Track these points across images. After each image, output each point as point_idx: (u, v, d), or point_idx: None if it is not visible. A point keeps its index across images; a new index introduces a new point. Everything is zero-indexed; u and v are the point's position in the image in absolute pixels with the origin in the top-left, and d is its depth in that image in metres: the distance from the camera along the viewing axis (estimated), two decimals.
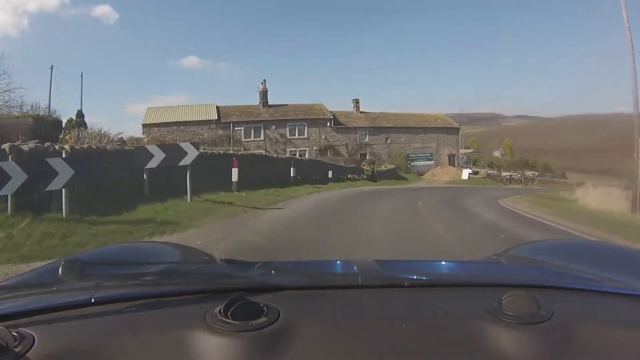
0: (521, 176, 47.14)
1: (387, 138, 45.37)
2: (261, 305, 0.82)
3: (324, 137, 41.74)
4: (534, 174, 52.07)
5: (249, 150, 28.92)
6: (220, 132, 38.50)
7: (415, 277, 1.09)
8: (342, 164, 28.87)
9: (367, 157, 40.14)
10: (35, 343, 0.73)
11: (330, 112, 42.07)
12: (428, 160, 46.97)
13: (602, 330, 0.83)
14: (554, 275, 1.26)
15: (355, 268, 1.19)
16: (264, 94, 42.11)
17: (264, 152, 29.60)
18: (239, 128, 39.01)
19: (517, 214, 12.21)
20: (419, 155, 46.49)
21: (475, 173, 46.95)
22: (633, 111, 13.67)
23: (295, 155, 35.09)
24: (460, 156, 49.67)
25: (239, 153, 16.79)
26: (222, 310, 0.80)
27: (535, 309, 0.84)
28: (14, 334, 0.73)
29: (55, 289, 0.92)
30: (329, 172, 21.98)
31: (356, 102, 46.51)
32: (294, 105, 43.35)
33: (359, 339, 0.79)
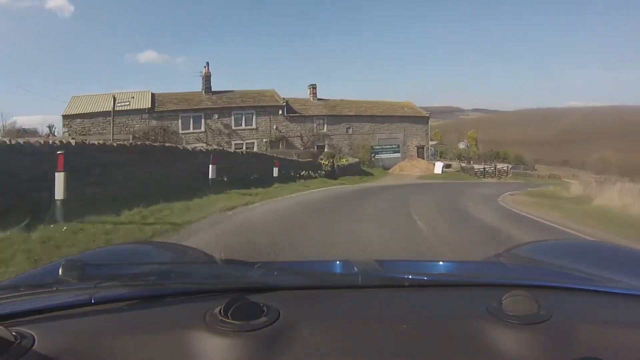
0: (494, 169, 44.79)
1: (349, 128, 39.96)
2: (261, 305, 0.84)
3: (275, 127, 36.05)
4: (507, 167, 49.58)
5: (183, 144, 21.55)
6: (155, 122, 32.38)
7: (415, 277, 1.08)
8: (295, 159, 24.03)
9: (326, 149, 35.08)
10: (35, 343, 0.75)
11: (283, 99, 36.72)
12: (395, 152, 42.33)
13: (602, 330, 0.85)
14: (554, 275, 1.27)
15: (355, 268, 1.19)
16: (207, 78, 36.03)
17: (192, 144, 22.13)
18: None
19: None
20: (384, 147, 41.65)
21: (448, 166, 42.97)
22: None
23: (242, 148, 27.96)
24: (429, 148, 46.19)
25: (116, 144, 9.38)
26: (222, 310, 0.82)
27: (535, 309, 0.86)
28: (14, 333, 0.74)
29: (55, 289, 0.92)
30: (275, 169, 16.86)
31: (313, 87, 40.76)
32: (241, 91, 37.55)
33: (359, 339, 0.80)
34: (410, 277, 1.09)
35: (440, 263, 1.53)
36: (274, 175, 15.95)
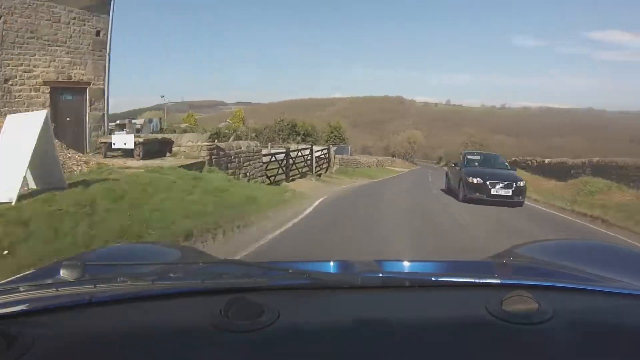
0: (310, 156, 21.56)
1: None
2: (261, 305, 0.87)
3: None
4: (327, 149, 25.09)
5: None
6: None
7: (415, 277, 1.17)
8: None
9: None
10: (35, 343, 0.77)
11: None
12: None
13: (603, 330, 0.87)
14: (554, 275, 1.32)
15: (355, 268, 1.27)
16: None
17: None
18: None
19: None
20: None
21: (160, 152, 12.47)
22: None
23: None
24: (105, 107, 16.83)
25: None
26: (222, 311, 0.84)
27: (536, 309, 0.88)
28: (13, 334, 0.77)
29: (55, 289, 0.93)
30: None
31: None
32: None
33: (359, 340, 0.83)
34: (410, 277, 1.15)
35: (441, 263, 1.59)
36: None
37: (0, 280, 1.25)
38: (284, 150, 20.13)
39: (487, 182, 12.32)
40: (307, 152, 22.08)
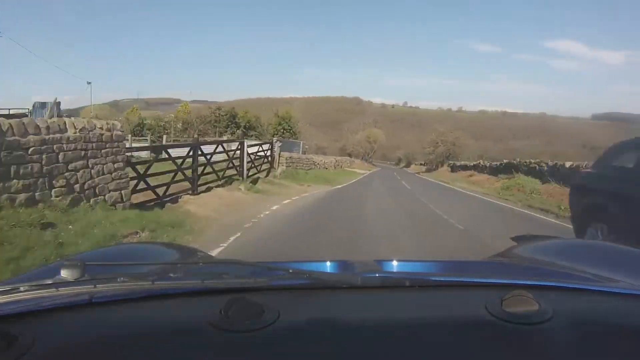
0: (240, 153, 13.90)
1: None
2: (261, 305, 0.89)
3: None
4: (268, 146, 18.48)
5: None
6: None
7: (415, 277, 1.16)
8: None
9: None
10: (35, 343, 0.79)
11: None
12: None
13: (603, 330, 0.90)
14: (554, 275, 1.33)
15: (355, 268, 1.28)
16: None
17: None
18: None
19: None
20: None
21: None
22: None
23: None
24: None
25: None
26: (222, 310, 0.86)
27: (536, 309, 0.90)
28: (13, 334, 0.79)
29: (55, 289, 0.92)
30: None
31: None
32: None
33: (359, 339, 0.85)
34: (410, 277, 1.14)
35: (441, 263, 1.59)
36: None
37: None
38: (190, 143, 11.97)
39: None
40: (235, 146, 14.64)
